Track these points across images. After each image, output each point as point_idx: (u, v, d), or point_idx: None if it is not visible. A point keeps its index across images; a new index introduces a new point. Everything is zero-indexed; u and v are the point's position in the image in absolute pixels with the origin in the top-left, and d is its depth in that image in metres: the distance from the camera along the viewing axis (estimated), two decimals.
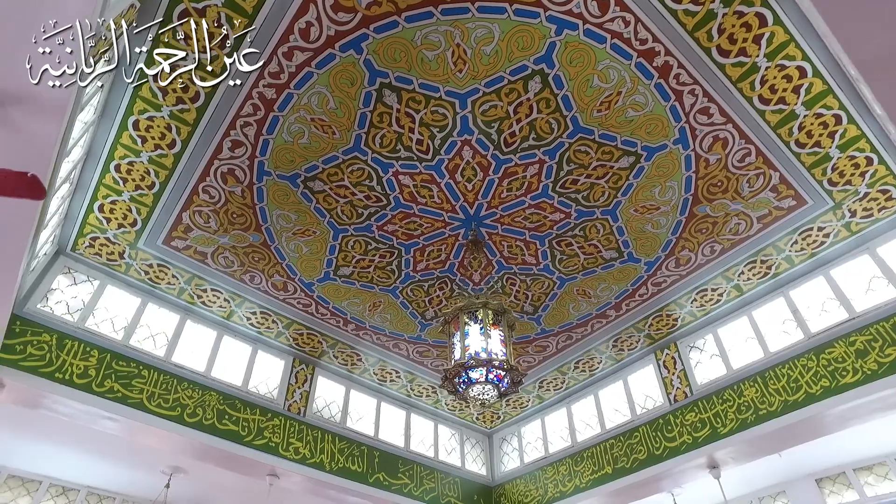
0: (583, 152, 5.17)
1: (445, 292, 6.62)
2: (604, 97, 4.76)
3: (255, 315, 6.83)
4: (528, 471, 8.23)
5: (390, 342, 7.35)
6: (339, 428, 7.36)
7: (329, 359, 7.56)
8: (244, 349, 7.11)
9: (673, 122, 4.97)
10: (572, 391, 8.22)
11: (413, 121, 4.89)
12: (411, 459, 7.88)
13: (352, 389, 7.87)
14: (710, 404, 6.57)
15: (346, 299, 6.66)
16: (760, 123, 4.98)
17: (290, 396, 7.13)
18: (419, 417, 8.46)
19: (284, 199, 5.50)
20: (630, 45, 4.42)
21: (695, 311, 6.94)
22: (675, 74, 4.63)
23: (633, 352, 7.55)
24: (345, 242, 5.96)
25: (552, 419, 8.43)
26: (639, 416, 7.27)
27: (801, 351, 6.06)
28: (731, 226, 5.88)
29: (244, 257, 6.11)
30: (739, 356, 6.64)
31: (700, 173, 5.38)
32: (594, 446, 7.55)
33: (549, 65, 4.53)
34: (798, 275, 6.41)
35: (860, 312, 5.82)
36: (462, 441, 8.79)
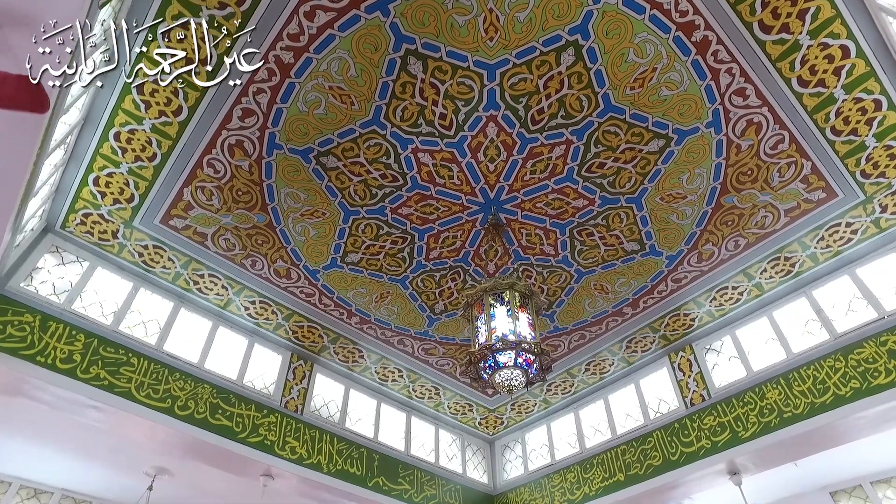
0: (612, 133, 4.94)
1: (458, 283, 6.30)
2: (638, 73, 4.54)
3: (253, 305, 6.45)
4: (533, 479, 7.86)
5: (395, 338, 6.99)
6: (337, 428, 6.95)
7: (329, 355, 7.17)
8: (240, 342, 6.70)
9: (707, 104, 4.76)
10: (581, 395, 7.90)
11: (437, 93, 4.63)
12: (412, 464, 7.48)
13: (351, 389, 7.48)
14: (729, 407, 6.29)
15: (353, 289, 6.31)
16: (797, 107, 4.80)
17: (287, 393, 6.72)
18: (420, 421, 8.07)
19: (294, 175, 5.18)
20: (670, 16, 4.22)
21: (713, 311, 6.70)
22: (713, 51, 4.44)
23: (646, 353, 7.28)
24: (355, 226, 5.64)
25: (559, 425, 8.09)
26: (652, 421, 6.97)
27: (828, 351, 5.83)
28: (757, 219, 5.68)
29: (247, 240, 5.75)
30: (760, 358, 6.39)
31: (730, 160, 5.17)
32: (604, 452, 7.22)
33: (584, 36, 4.31)
34: (822, 274, 6.21)
35: (891, 312, 5.62)
36: (463, 447, 8.40)
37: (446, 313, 6.66)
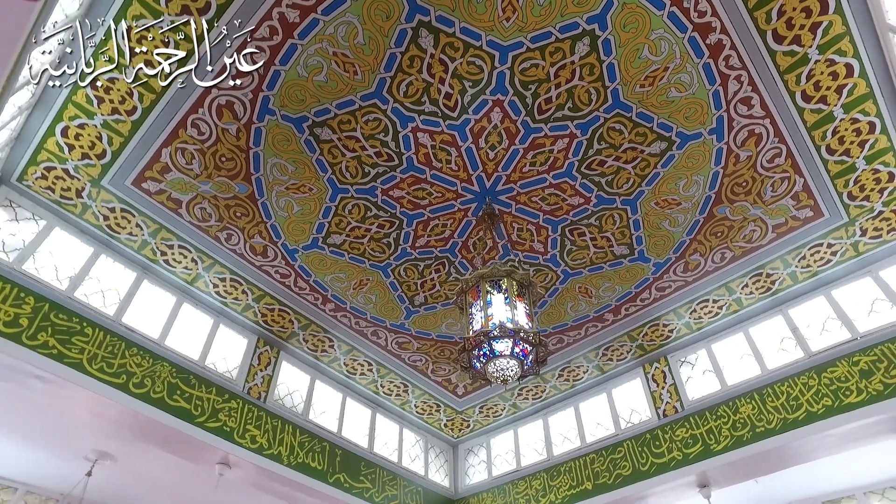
0: (616, 131, 4.87)
1: (441, 276, 6.10)
2: (650, 71, 4.49)
3: (223, 282, 6.07)
4: (497, 484, 7.68)
5: (369, 329, 6.71)
6: (300, 419, 6.60)
7: (298, 342, 6.83)
8: (205, 321, 6.30)
9: (713, 110, 4.76)
10: (551, 402, 7.79)
11: (446, 70, 4.46)
12: (374, 462, 7.18)
13: (317, 380, 7.14)
14: (702, 420, 6.29)
15: (331, 273, 6.02)
16: (797, 122, 4.85)
17: (250, 378, 6.34)
18: (385, 419, 7.78)
19: (285, 145, 4.89)
20: (688, 15, 4.18)
21: (691, 324, 6.72)
22: (725, 56, 4.43)
23: (622, 363, 7.23)
24: (342, 205, 5.38)
25: (526, 431, 7.95)
26: (623, 431, 6.91)
27: (802, 369, 5.90)
28: (745, 232, 5.72)
29: (224, 211, 5.40)
30: (734, 373, 6.43)
31: (728, 170, 5.18)
32: (573, 460, 7.11)
33: (602, 26, 4.22)
34: (799, 293, 6.31)
35: (863, 333, 5.73)
36: (426, 448, 8.15)
37: (426, 306, 6.44)
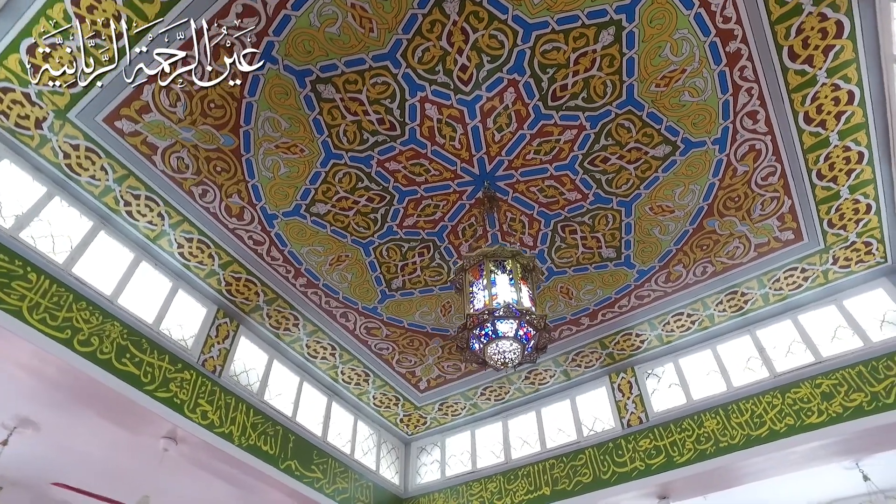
0: (625, 128, 4.83)
1: (424, 260, 5.88)
2: (668, 71, 4.48)
3: (189, 243, 5.61)
4: (450, 485, 7.45)
5: (339, 309, 6.38)
6: (255, 399, 6.18)
7: (260, 318, 6.40)
8: (163, 284, 5.81)
9: (720, 119, 4.80)
10: (513, 404, 7.66)
11: (466, 40, 4.28)
12: (327, 452, 6.81)
13: (276, 360, 6.72)
14: (666, 432, 6.31)
15: (309, 245, 5.68)
16: (796, 143, 4.97)
17: (206, 350, 5.88)
18: (340, 408, 7.42)
19: (282, 99, 4.57)
20: (714, 19, 4.20)
21: (662, 336, 6.76)
22: (741, 66, 4.47)
23: (589, 369, 7.20)
24: (333, 172, 5.09)
25: (484, 432, 7.78)
26: (586, 438, 6.85)
27: (767, 388, 6.02)
28: (729, 248, 5.81)
29: (204, 163, 4.99)
30: (700, 388, 6.50)
31: (724, 182, 5.24)
32: (532, 465, 6.98)
33: (630, 17, 4.17)
34: (767, 315, 6.47)
35: (826, 357, 5.91)
36: (379, 443, 7.83)
37: (402, 291, 6.19)
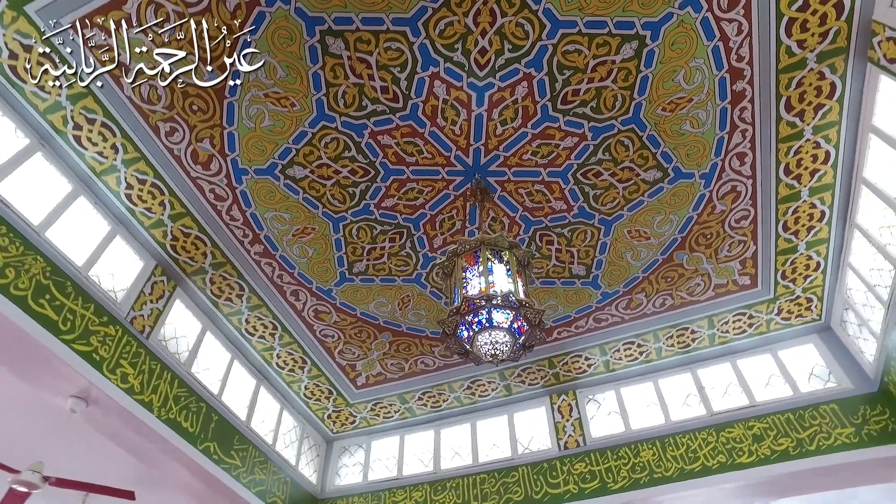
0: (624, 146, 4.86)
1: (394, 247, 5.61)
2: (676, 97, 4.56)
3: (141, 185, 5.02)
4: (372, 489, 7.06)
5: (291, 286, 5.94)
6: (182, 370, 5.58)
7: (202, 282, 5.83)
8: (100, 226, 5.16)
9: (712, 155, 4.95)
10: (449, 413, 7.44)
11: (492, 23, 4.14)
12: (249, 439, 6.25)
13: (209, 331, 6.14)
14: (603, 458, 6.32)
15: (276, 210, 5.26)
16: (772, 192, 5.21)
17: (137, 308, 5.26)
18: (268, 394, 6.88)
19: (285, 44, 4.20)
20: (729, 55, 4.33)
21: (609, 363, 6.83)
22: (742, 107, 4.64)
23: (532, 387, 7.13)
24: (320, 135, 4.75)
25: (415, 439, 7.48)
26: (520, 456, 6.74)
27: (702, 426, 6.19)
28: (691, 284, 5.97)
29: (179, 98, 4.49)
30: (639, 418, 6.59)
31: (701, 218, 5.40)
32: (462, 478, 6.76)
33: (654, 36, 4.22)
34: (709, 356, 6.71)
35: (760, 402, 6.18)
36: (301, 437, 7.33)
37: (363, 276, 5.87)
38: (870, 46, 4.31)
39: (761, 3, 4.10)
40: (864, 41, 4.30)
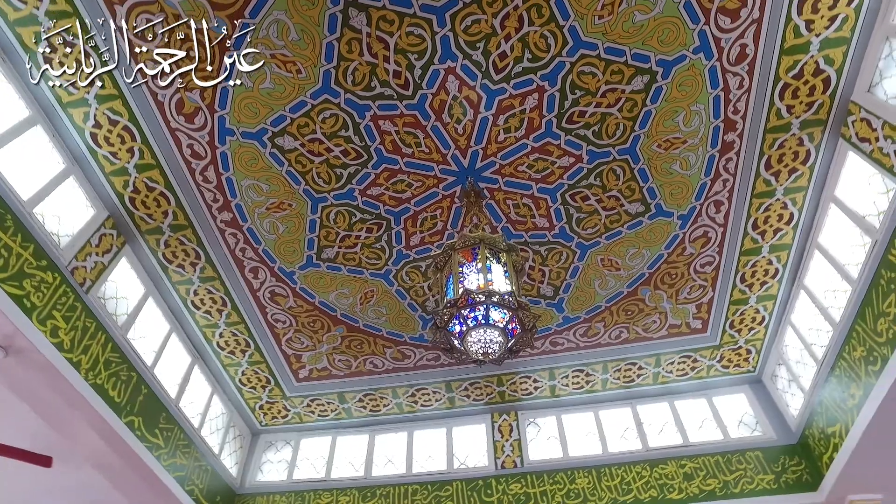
0: (615, 174, 5.01)
1: (370, 238, 5.43)
2: (673, 136, 4.77)
3: (112, 126, 4.58)
4: (297, 489, 6.68)
5: (252, 262, 5.60)
6: (118, 333, 5.09)
7: (155, 243, 5.37)
8: (54, 161, 4.66)
9: (693, 199, 5.18)
10: (386, 419, 7.21)
11: (518, 29, 4.18)
12: (176, 419, 5.77)
13: (151, 297, 5.66)
14: (539, 481, 6.32)
15: (255, 178, 4.97)
16: (738, 243, 5.51)
17: (81, 258, 4.76)
18: (201, 375, 6.40)
19: (305, 7, 4.03)
20: (727, 106, 4.59)
21: (555, 388, 6.89)
22: (728, 157, 4.91)
23: (477, 403, 7.05)
24: (320, 109, 4.57)
25: (348, 441, 7.18)
26: (456, 471, 6.62)
27: (638, 460, 6.34)
28: (649, 321, 6.17)
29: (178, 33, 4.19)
30: (577, 446, 6.66)
31: (671, 257, 5.61)
32: (393, 486, 6.54)
33: (666, 73, 4.41)
34: (650, 394, 6.92)
35: (692, 443, 6.42)
36: (228, 426, 6.86)
37: (331, 263, 5.63)
38: (844, 124, 4.69)
39: (763, 64, 4.38)
40: (841, 118, 4.68)
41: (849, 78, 4.48)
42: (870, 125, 4.46)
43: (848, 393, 5.19)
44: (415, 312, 6.07)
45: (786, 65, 4.39)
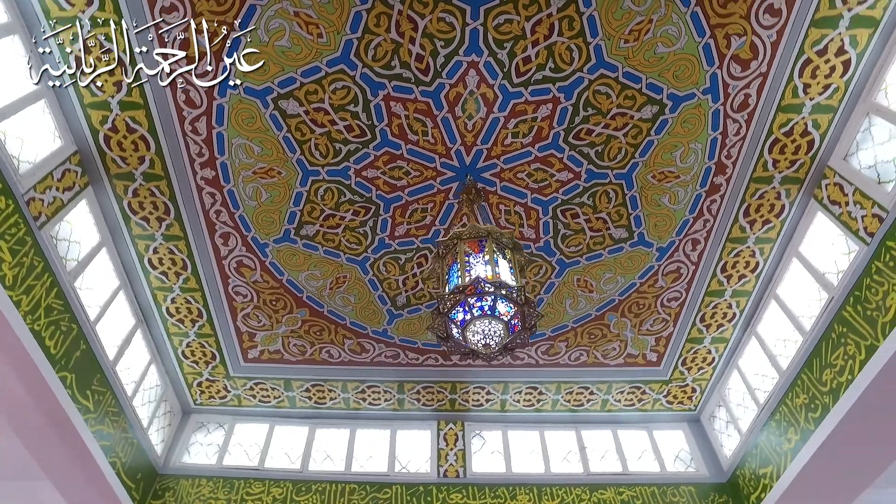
0: (608, 197, 5.12)
1: (355, 221, 5.26)
2: (668, 169, 4.94)
3: (103, 55, 4.12)
4: (226, 475, 6.25)
5: (225, 228, 5.24)
6: (66, 279, 4.63)
7: (121, 190, 4.94)
8: (26, 81, 4.20)
9: (674, 234, 5.38)
10: (329, 414, 6.93)
11: (548, 38, 4.24)
12: (110, 383, 5.29)
13: (106, 247, 5.20)
14: (480, 493, 6.24)
15: (247, 138, 4.70)
16: (705, 284, 5.77)
17: (40, 189, 4.30)
18: (142, 341, 5.92)
19: None
20: (722, 149, 4.84)
21: (506, 402, 6.88)
22: (713, 199, 5.17)
23: (426, 408, 6.92)
24: (332, 79, 4.42)
25: (287, 431, 6.84)
26: (396, 474, 6.43)
27: (578, 482, 6.40)
28: (608, 347, 6.31)
29: None
30: (521, 463, 6.66)
31: (642, 287, 5.79)
32: (329, 483, 6.26)
33: (673, 108, 4.59)
34: (596, 420, 7.05)
35: (631, 472, 6.57)
36: (160, 399, 6.36)
37: (308, 241, 5.39)
38: (819, 185, 5.05)
39: (761, 116, 4.66)
40: (816, 180, 5.04)
41: (829, 144, 4.84)
42: (842, 190, 4.82)
43: (785, 437, 5.49)
44: (384, 305, 5.92)
45: (780, 121, 4.69)
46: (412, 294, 5.85)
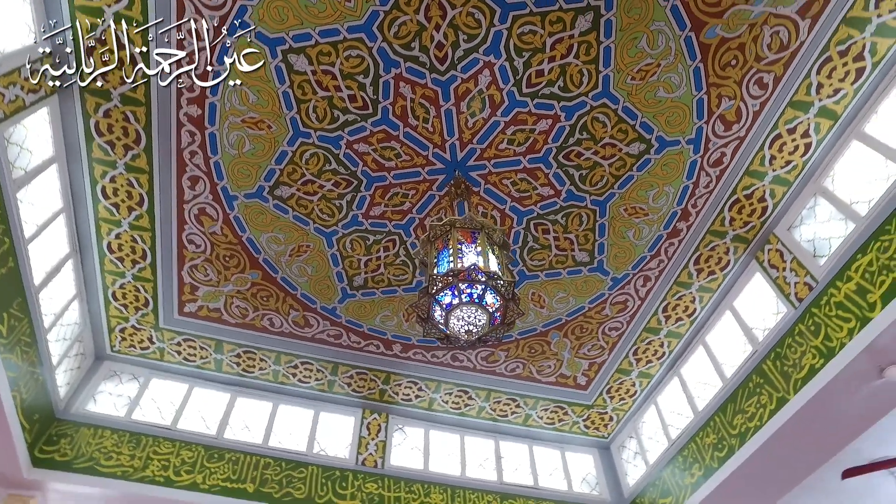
0: (578, 219, 5.36)
1: (333, 192, 5.17)
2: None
3: None
4: (133, 430, 5.74)
5: (196, 171, 4.94)
6: (9, 185, 4.15)
7: (92, 108, 4.52)
8: None
9: (630, 268, 5.71)
10: (253, 385, 6.65)
11: (564, 48, 4.42)
12: (30, 310, 4.73)
13: (56, 164, 4.73)
14: (396, 486, 6.24)
15: (247, 84, 4.54)
16: (645, 320, 6.17)
17: (3, 83, 3.93)
18: (72, 274, 5.38)
19: None
20: (690, 198, 5.22)
21: (434, 401, 6.94)
22: (671, 242, 5.57)
23: (355, 394, 6.83)
24: (346, 46, 4.37)
25: (206, 395, 6.46)
26: (314, 455, 6.29)
27: (492, 490, 6.56)
28: (545, 364, 6.57)
29: None
30: (438, 463, 6.73)
31: (588, 312, 6.10)
32: (243, 454, 6.01)
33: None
34: (515, 433, 7.28)
35: (541, 487, 6.83)
36: (74, 339, 5.81)
37: (279, 202, 5.23)
38: (762, 249, 5.55)
39: (730, 176, 5.11)
40: (761, 243, 5.54)
41: (779, 213, 5.35)
42: (782, 256, 5.33)
43: (689, 472, 5.93)
44: (340, 283, 5.84)
45: (744, 183, 5.14)
46: (371, 277, 5.81)
